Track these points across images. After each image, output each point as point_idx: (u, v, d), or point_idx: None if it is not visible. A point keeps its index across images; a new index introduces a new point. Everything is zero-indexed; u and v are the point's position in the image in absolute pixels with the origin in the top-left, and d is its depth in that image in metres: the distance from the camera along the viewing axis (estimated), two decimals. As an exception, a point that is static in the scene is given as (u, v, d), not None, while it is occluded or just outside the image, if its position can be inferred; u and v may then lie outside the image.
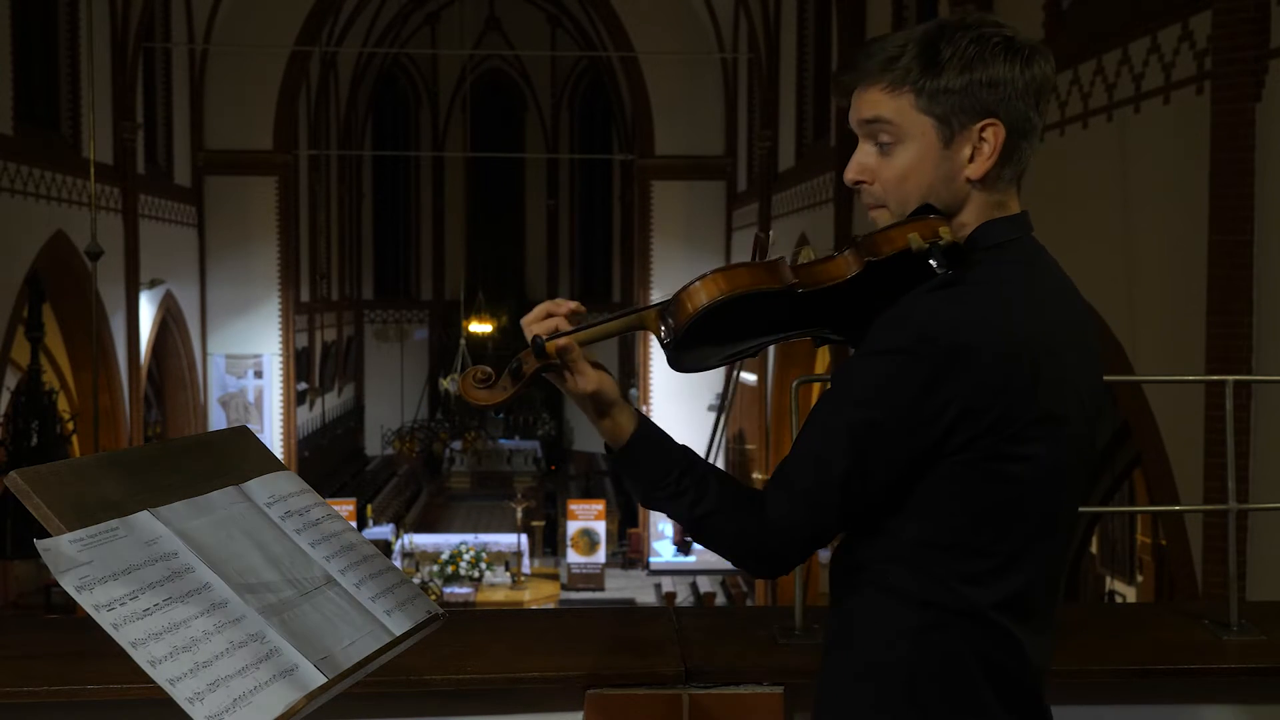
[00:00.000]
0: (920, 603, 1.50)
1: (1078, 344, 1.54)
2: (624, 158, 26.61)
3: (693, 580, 19.18)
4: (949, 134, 1.50)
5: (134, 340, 15.91)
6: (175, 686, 1.25)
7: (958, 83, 1.48)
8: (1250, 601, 2.75)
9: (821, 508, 1.49)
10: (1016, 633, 1.50)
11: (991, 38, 1.49)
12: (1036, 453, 1.47)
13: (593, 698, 2.22)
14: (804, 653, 2.33)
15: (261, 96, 20.23)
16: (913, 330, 1.44)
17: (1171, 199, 6.51)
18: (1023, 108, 1.50)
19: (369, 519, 20.96)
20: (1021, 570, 1.50)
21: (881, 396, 1.45)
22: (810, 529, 1.50)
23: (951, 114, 1.49)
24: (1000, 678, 1.51)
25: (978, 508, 1.47)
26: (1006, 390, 1.44)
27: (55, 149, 13.57)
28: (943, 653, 1.50)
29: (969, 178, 1.51)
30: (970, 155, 1.50)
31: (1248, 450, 5.62)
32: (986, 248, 1.52)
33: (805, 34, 15.87)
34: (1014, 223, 1.54)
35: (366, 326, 30.77)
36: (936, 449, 1.45)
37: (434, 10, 28.66)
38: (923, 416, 1.43)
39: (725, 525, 1.53)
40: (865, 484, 1.47)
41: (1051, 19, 8.11)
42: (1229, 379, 2.59)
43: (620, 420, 1.58)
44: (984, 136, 1.49)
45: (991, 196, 1.53)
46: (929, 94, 1.49)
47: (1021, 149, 1.52)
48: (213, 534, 1.46)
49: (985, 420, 1.43)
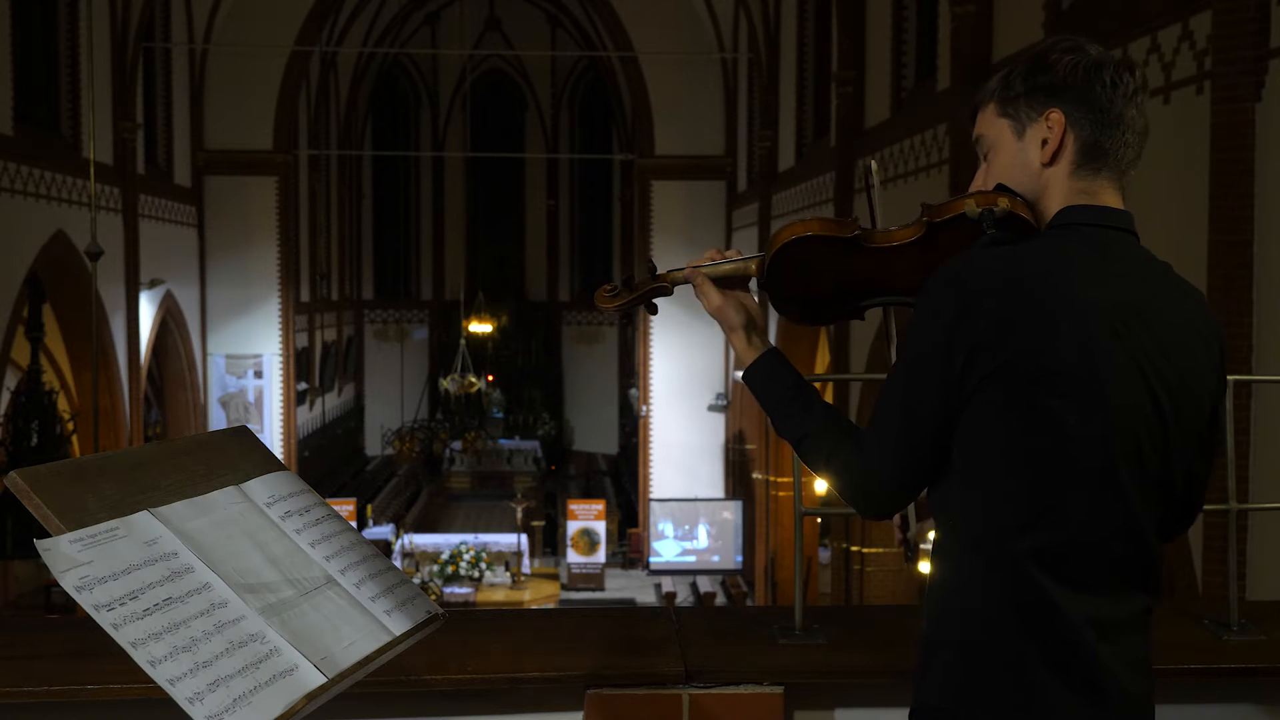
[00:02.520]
0: (967, 547, 1.62)
1: (1149, 326, 1.60)
2: (624, 158, 26.62)
3: (693, 580, 19.18)
4: (1020, 128, 1.70)
5: (134, 340, 15.90)
6: (175, 686, 1.25)
7: (1023, 86, 1.70)
8: (1250, 601, 2.75)
9: (893, 448, 1.64)
10: (1052, 590, 1.56)
11: (1058, 48, 1.69)
12: (1065, 407, 1.55)
13: (593, 698, 2.22)
14: (804, 653, 2.33)
15: (261, 96, 20.23)
16: (946, 278, 1.60)
17: (1171, 199, 6.51)
18: (1090, 99, 1.65)
19: (369, 519, 20.96)
20: (1058, 526, 1.57)
21: (916, 337, 1.62)
22: (891, 469, 1.65)
23: (1019, 111, 1.70)
24: (1040, 633, 1.57)
25: (1010, 454, 1.57)
26: (1017, 334, 1.54)
27: (55, 149, 13.57)
28: (987, 602, 1.59)
29: (1042, 162, 1.68)
30: (1043, 143, 1.68)
31: (1248, 450, 5.62)
32: (1055, 226, 1.67)
33: (805, 34, 15.87)
34: (1097, 212, 1.67)
35: (366, 326, 30.76)
36: (959, 389, 1.57)
37: (434, 10, 28.65)
38: (942, 352, 1.57)
39: (820, 449, 1.73)
40: (920, 422, 1.62)
41: (1051, 19, 8.11)
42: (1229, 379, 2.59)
43: (746, 344, 1.86)
44: (1050, 124, 1.67)
45: (1075, 184, 1.67)
46: (1002, 100, 1.73)
47: (1100, 140, 1.66)
48: (213, 534, 1.46)
49: (997, 360, 1.54)
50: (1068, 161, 1.67)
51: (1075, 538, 1.58)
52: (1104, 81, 1.65)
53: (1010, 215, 1.66)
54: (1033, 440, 1.56)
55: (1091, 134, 1.66)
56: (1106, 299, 1.58)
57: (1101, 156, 1.67)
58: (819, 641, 2.37)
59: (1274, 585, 5.50)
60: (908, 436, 1.63)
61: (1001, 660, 1.58)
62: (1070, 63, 1.67)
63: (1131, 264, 1.65)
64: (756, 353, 1.86)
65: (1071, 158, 1.67)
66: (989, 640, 1.59)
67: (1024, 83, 1.70)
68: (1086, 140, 1.66)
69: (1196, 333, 1.67)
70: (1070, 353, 1.55)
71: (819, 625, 2.43)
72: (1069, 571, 1.58)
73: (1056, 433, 1.56)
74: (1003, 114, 1.73)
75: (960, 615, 1.62)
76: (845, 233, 1.76)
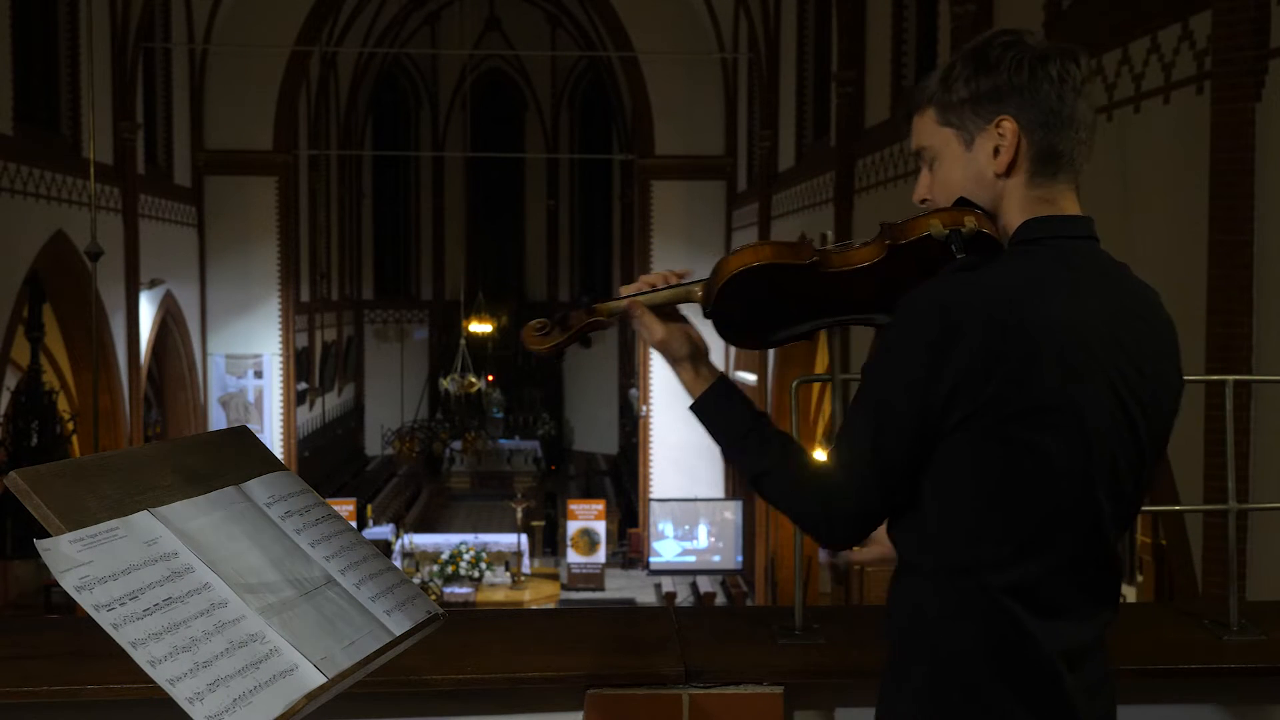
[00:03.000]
0: (939, 584, 1.57)
1: (1120, 342, 1.56)
2: (624, 158, 26.61)
3: (693, 580, 19.18)
4: (968, 137, 1.62)
5: (134, 340, 15.90)
6: (175, 686, 1.25)
7: (966, 91, 1.60)
8: (1250, 601, 2.74)
9: (861, 481, 1.58)
10: (1029, 623, 1.52)
11: (997, 44, 1.60)
12: (1046, 440, 1.50)
13: (593, 698, 2.22)
14: (804, 653, 2.33)
15: (261, 96, 20.22)
16: (921, 305, 1.52)
17: (1171, 199, 6.51)
18: (1039, 99, 1.57)
19: (369, 519, 20.95)
20: (1033, 561, 1.53)
21: (891, 369, 1.55)
22: (855, 502, 1.59)
23: (965, 119, 1.61)
24: (1014, 668, 1.53)
25: (989, 489, 1.52)
26: (1002, 368, 1.48)
27: (55, 149, 13.57)
28: (959, 636, 1.55)
29: (996, 173, 1.61)
30: (995, 152, 1.60)
31: (1248, 450, 5.61)
32: (1020, 242, 1.59)
33: (805, 34, 15.86)
34: (1059, 222, 1.60)
35: (366, 326, 30.75)
36: (940, 422, 1.51)
37: (434, 10, 28.64)
38: (923, 388, 1.51)
39: (779, 484, 1.66)
40: (890, 455, 1.55)
41: (1051, 19, 8.11)
42: (1229, 379, 2.59)
43: (694, 376, 1.78)
44: (1001, 131, 1.59)
45: (1032, 192, 1.60)
46: (943, 107, 1.63)
47: (1054, 144, 1.58)
48: (213, 534, 1.46)
49: (982, 396, 1.48)
50: (1024, 170, 1.60)
51: (1054, 568, 1.55)
52: (1050, 77, 1.57)
53: (978, 234, 1.59)
54: (1015, 474, 1.51)
55: (1045, 138, 1.58)
56: (1084, 322, 1.53)
57: (1057, 160, 1.59)
58: (819, 641, 2.37)
59: (1274, 585, 5.50)
60: (880, 466, 1.57)
61: (973, 694, 1.55)
62: (1013, 60, 1.58)
63: (1100, 278, 1.60)
64: (706, 383, 1.77)
65: (1027, 166, 1.60)
66: (960, 673, 1.55)
67: (966, 86, 1.60)
68: (1041, 145, 1.59)
69: (1161, 340, 1.64)
70: (1053, 385, 1.50)
71: (819, 625, 2.43)
72: (1045, 600, 1.54)
73: (1040, 467, 1.51)
74: (945, 123, 1.64)
75: (930, 645, 1.58)
76: (801, 259, 1.66)
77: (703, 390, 1.77)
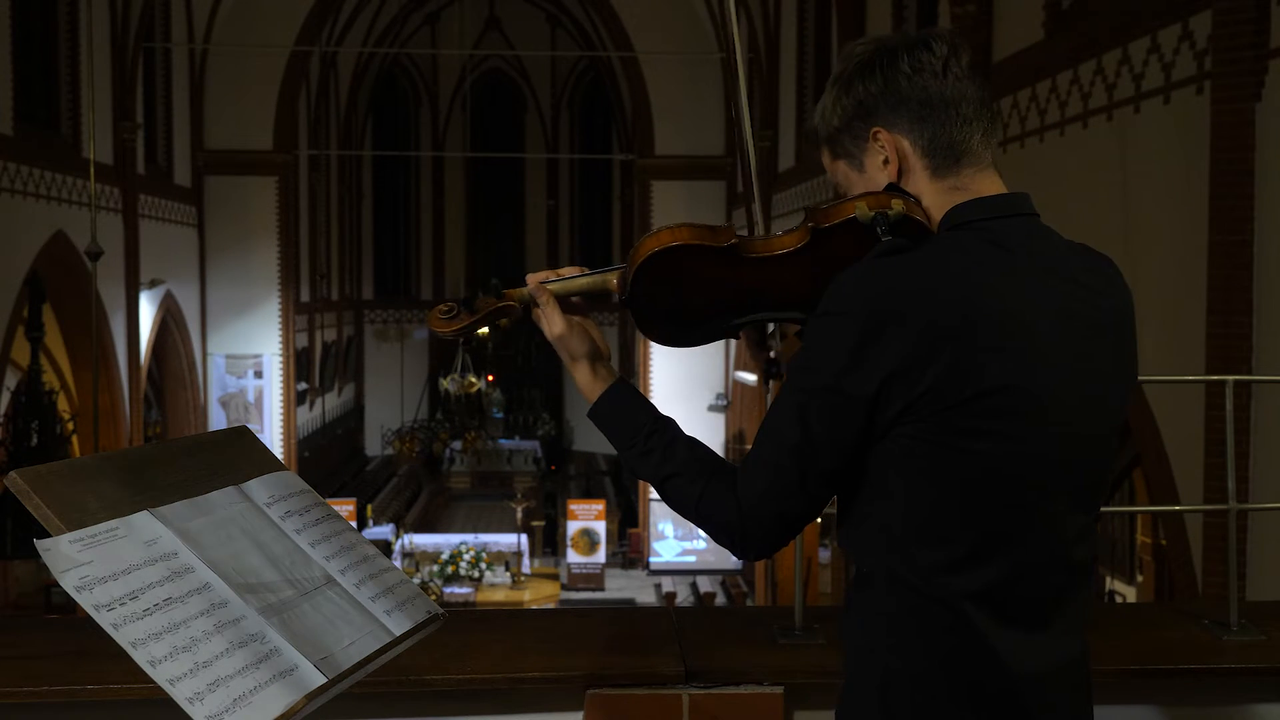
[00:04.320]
0: (890, 590, 1.47)
1: (1062, 324, 1.47)
2: (624, 158, 26.61)
3: (693, 580, 19.18)
4: (857, 162, 1.59)
5: (134, 340, 15.90)
6: (175, 686, 1.25)
7: (837, 120, 1.58)
8: (1250, 601, 2.74)
9: (782, 485, 1.48)
10: (987, 630, 1.44)
11: (853, 61, 1.56)
12: (992, 431, 1.41)
13: (593, 698, 2.22)
14: (804, 653, 2.33)
15: (261, 96, 20.23)
16: (846, 293, 1.44)
17: (1171, 199, 6.51)
18: (900, 97, 1.52)
19: (369, 519, 20.95)
20: (993, 562, 1.44)
21: (816, 361, 1.46)
22: (774, 507, 1.49)
23: (847, 144, 1.59)
24: (972, 689, 1.45)
25: (937, 488, 1.43)
26: (937, 360, 1.39)
27: (55, 149, 13.57)
28: (914, 647, 1.46)
29: (889, 180, 1.55)
30: (885, 163, 1.55)
31: (1248, 450, 5.61)
32: (951, 227, 1.51)
33: (805, 34, 15.87)
34: (985, 204, 1.51)
35: (366, 326, 30.76)
36: (874, 418, 1.43)
37: (434, 10, 28.64)
38: (852, 381, 1.42)
39: (688, 488, 1.55)
40: (816, 455, 1.46)
41: (1051, 19, 8.11)
42: (1229, 379, 2.59)
43: (591, 377, 1.67)
44: (880, 144, 1.55)
45: (940, 184, 1.53)
46: (828, 141, 1.62)
47: (937, 134, 1.52)
48: (213, 534, 1.46)
49: (917, 389, 1.40)
50: (920, 169, 1.53)
51: (1018, 574, 1.45)
52: (904, 72, 1.51)
53: (905, 218, 1.50)
54: (962, 471, 1.42)
55: (924, 131, 1.52)
56: (1025, 303, 1.44)
57: (949, 148, 1.52)
58: (819, 641, 2.37)
59: (1274, 585, 5.50)
60: (803, 467, 1.46)
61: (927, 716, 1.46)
62: (864, 69, 1.53)
63: (1047, 256, 1.50)
64: (604, 384, 1.66)
65: (923, 163, 1.53)
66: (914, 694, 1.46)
67: (836, 113, 1.57)
68: (926, 140, 1.52)
69: (1117, 314, 1.55)
70: (994, 372, 1.40)
71: (819, 625, 2.43)
72: (1005, 610, 1.45)
73: (987, 461, 1.42)
74: (836, 156, 1.61)
75: (882, 666, 1.48)
76: (719, 241, 1.56)
77: (600, 391, 1.66)
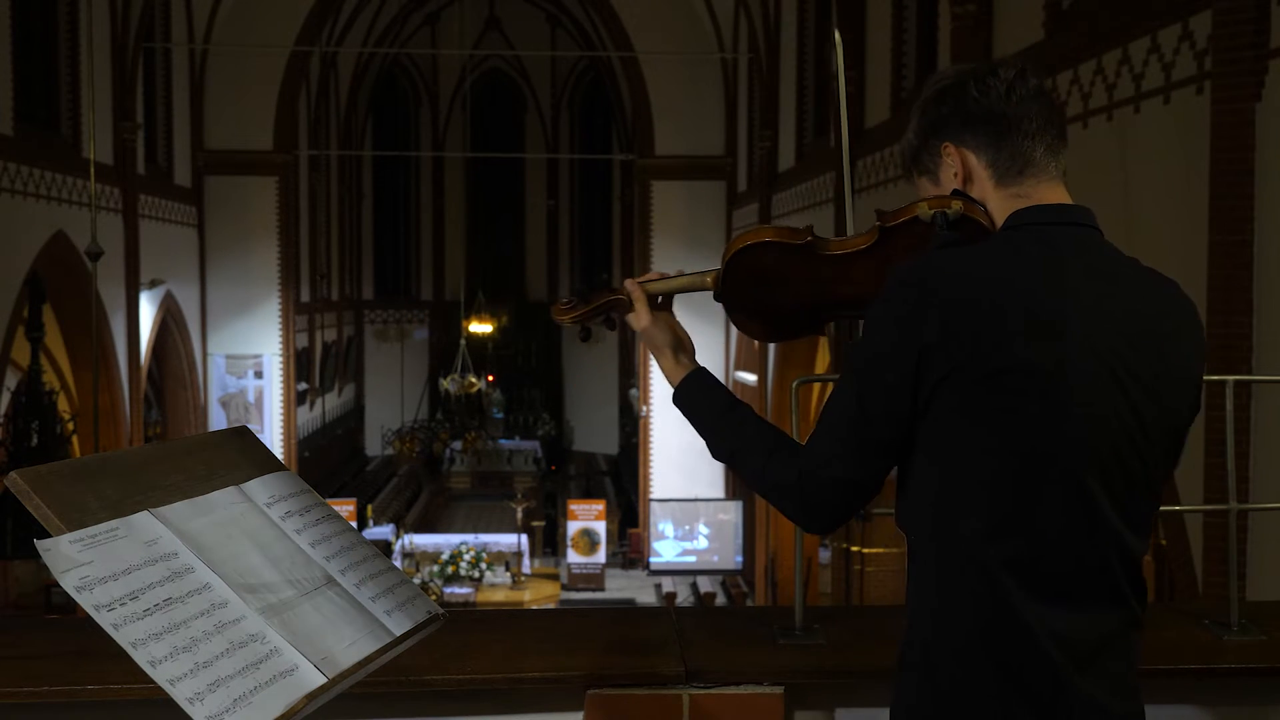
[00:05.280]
0: (934, 558, 1.58)
1: (1101, 324, 1.56)
2: (624, 158, 26.61)
3: (693, 580, 19.18)
4: (933, 177, 1.74)
5: (134, 340, 15.90)
6: (175, 687, 1.25)
7: (916, 139, 1.76)
8: (1250, 601, 2.74)
9: (840, 453, 1.60)
10: (1020, 599, 1.52)
11: (928, 88, 1.74)
12: (1022, 407, 1.51)
13: (593, 698, 2.22)
14: (804, 653, 2.33)
15: (261, 96, 20.22)
16: (899, 279, 1.58)
17: (1171, 199, 6.51)
18: (969, 116, 1.67)
19: (369, 519, 20.96)
20: (1026, 532, 1.53)
21: (871, 338, 1.60)
22: (834, 473, 1.61)
23: (924, 161, 1.75)
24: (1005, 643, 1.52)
25: (970, 456, 1.54)
26: (969, 336, 1.51)
27: (55, 149, 13.57)
28: (955, 613, 1.55)
29: (957, 189, 1.70)
30: (955, 175, 1.71)
31: (1248, 450, 5.61)
32: (1006, 228, 1.65)
33: (805, 34, 15.87)
34: (1045, 210, 1.64)
35: (366, 326, 30.76)
36: (914, 389, 1.54)
37: (434, 10, 28.65)
38: (896, 354, 1.55)
39: (756, 459, 1.70)
40: (871, 426, 1.58)
41: (1051, 19, 8.11)
42: (1229, 379, 2.58)
43: (674, 364, 1.87)
44: (947, 156, 1.70)
45: (1005, 192, 1.67)
46: (912, 160, 1.78)
47: (1002, 147, 1.66)
48: (213, 534, 1.46)
49: (951, 361, 1.51)
50: (984, 178, 1.68)
51: (1044, 547, 1.53)
52: (972, 95, 1.66)
53: (964, 218, 1.66)
54: (992, 442, 1.53)
55: (990, 145, 1.67)
56: (1066, 296, 1.55)
57: (1014, 160, 1.66)
58: (819, 641, 2.37)
59: (1274, 585, 5.50)
60: (857, 440, 1.59)
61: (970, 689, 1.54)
62: (938, 95, 1.70)
63: (1095, 259, 1.62)
64: (685, 371, 1.86)
65: (989, 174, 1.68)
66: (958, 668, 1.55)
67: (914, 135, 1.75)
68: (991, 153, 1.67)
69: (1172, 325, 1.63)
70: (1026, 351, 1.51)
71: (819, 625, 2.43)
72: (1041, 582, 1.53)
73: (1014, 433, 1.52)
74: (919, 173, 1.77)
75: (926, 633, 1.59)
76: (798, 240, 1.76)
77: (681, 376, 1.86)
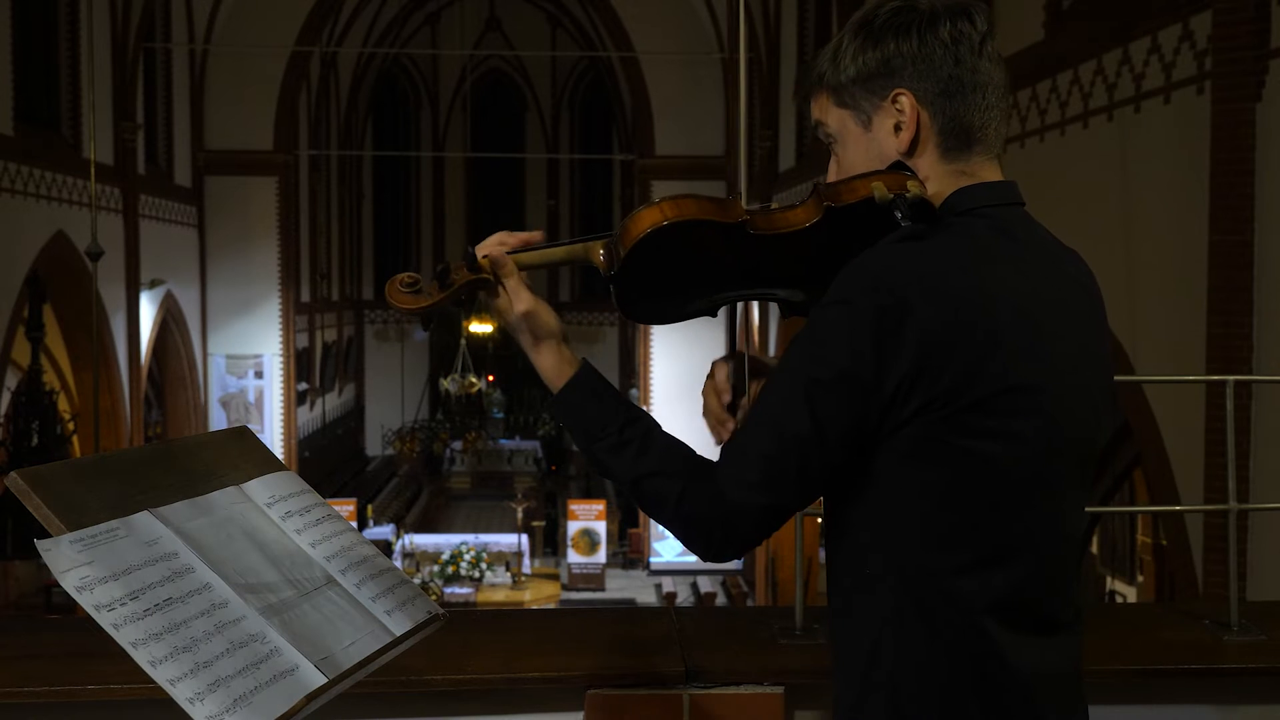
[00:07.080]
0: (898, 593, 1.39)
1: (1065, 317, 1.44)
2: (624, 158, 26.60)
3: (693, 580, 19.17)
4: (864, 117, 1.48)
5: (134, 340, 15.90)
6: (175, 687, 1.25)
7: (854, 69, 1.47)
8: (1250, 601, 2.75)
9: (778, 476, 1.38)
10: (999, 634, 1.38)
11: (884, 11, 1.47)
12: (1010, 428, 1.36)
13: (593, 698, 2.22)
14: (804, 653, 2.33)
15: (261, 96, 20.22)
16: (866, 280, 1.36)
17: (1172, 199, 6.51)
18: (933, 67, 1.44)
19: (369, 519, 20.95)
20: (1004, 564, 1.38)
21: (831, 350, 1.36)
22: (765, 499, 1.38)
23: (858, 98, 1.48)
24: (981, 682, 1.39)
25: (950, 489, 1.36)
26: (961, 353, 1.33)
27: (55, 149, 13.57)
28: (923, 651, 1.39)
29: (900, 151, 1.46)
30: (896, 129, 1.47)
31: (1248, 450, 5.61)
32: (960, 212, 1.45)
33: (805, 34, 15.87)
34: (992, 190, 1.46)
35: (366, 326, 30.75)
36: (890, 413, 1.35)
37: (434, 10, 28.63)
38: (871, 374, 1.34)
39: (668, 487, 1.41)
40: (823, 447, 1.37)
41: (1051, 19, 8.11)
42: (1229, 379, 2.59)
43: (559, 358, 1.52)
44: (899, 107, 1.46)
45: (949, 165, 1.47)
46: (834, 88, 1.50)
47: (960, 114, 1.45)
48: (213, 534, 1.46)
49: (940, 385, 1.33)
50: (932, 145, 1.46)
51: (1023, 572, 1.39)
52: (943, 40, 1.43)
53: (921, 201, 1.41)
54: (974, 470, 1.36)
55: (948, 108, 1.44)
56: (1029, 296, 1.40)
57: (968, 132, 1.45)
58: (819, 641, 2.37)
59: (1274, 585, 5.50)
60: (801, 462, 1.37)
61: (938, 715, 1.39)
62: (899, 25, 1.44)
63: (1040, 244, 1.47)
64: (572, 369, 1.51)
65: (936, 140, 1.45)
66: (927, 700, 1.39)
67: (855, 62, 1.46)
68: (946, 117, 1.44)
69: (1097, 301, 1.53)
70: (1006, 370, 1.35)
71: (819, 625, 2.43)
72: (1020, 611, 1.39)
73: (1001, 460, 1.36)
74: (840, 104, 1.49)
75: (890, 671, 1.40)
76: (729, 218, 1.43)
77: (570, 376, 1.51)
